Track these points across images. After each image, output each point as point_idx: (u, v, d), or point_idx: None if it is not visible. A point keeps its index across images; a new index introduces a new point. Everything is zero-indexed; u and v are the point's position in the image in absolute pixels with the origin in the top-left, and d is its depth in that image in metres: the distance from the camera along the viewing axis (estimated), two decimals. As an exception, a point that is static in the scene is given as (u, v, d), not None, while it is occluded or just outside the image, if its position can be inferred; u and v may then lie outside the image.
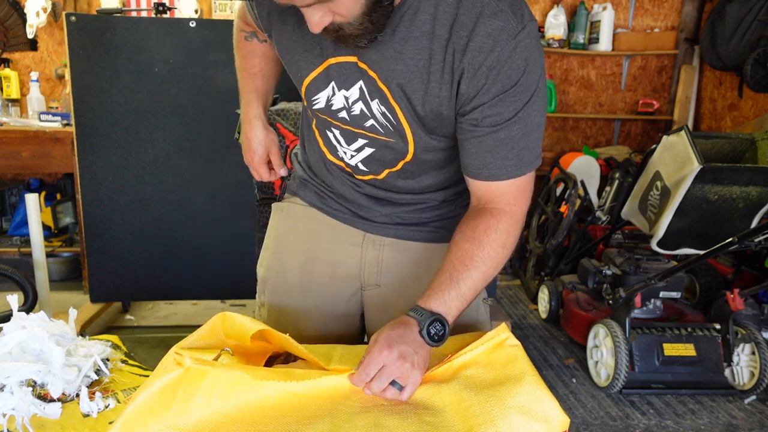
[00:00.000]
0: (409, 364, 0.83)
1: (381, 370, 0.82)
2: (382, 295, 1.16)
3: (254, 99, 1.19)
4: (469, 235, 0.95)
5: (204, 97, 2.62)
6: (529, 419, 0.77)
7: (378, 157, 1.04)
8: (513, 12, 0.83)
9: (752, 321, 2.50)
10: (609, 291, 2.48)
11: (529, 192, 0.98)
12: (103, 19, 2.53)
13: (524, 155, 0.93)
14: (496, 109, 0.88)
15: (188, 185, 2.70)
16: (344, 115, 0.99)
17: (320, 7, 0.79)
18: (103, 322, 2.93)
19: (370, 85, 0.93)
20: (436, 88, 0.89)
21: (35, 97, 3.52)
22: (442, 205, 1.12)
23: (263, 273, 1.24)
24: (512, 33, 0.83)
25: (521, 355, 0.89)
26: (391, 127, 0.97)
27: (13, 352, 0.96)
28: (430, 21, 0.85)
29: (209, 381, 0.79)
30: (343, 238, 1.15)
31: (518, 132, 0.90)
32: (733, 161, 2.57)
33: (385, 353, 0.83)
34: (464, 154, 0.96)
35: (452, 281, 0.92)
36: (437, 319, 0.89)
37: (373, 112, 0.96)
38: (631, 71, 4.35)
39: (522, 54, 0.84)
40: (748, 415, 2.23)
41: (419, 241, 1.14)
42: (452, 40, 0.85)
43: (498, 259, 0.96)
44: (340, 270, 1.15)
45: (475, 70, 0.85)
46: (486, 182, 0.95)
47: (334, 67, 0.94)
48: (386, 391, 0.83)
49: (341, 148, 1.06)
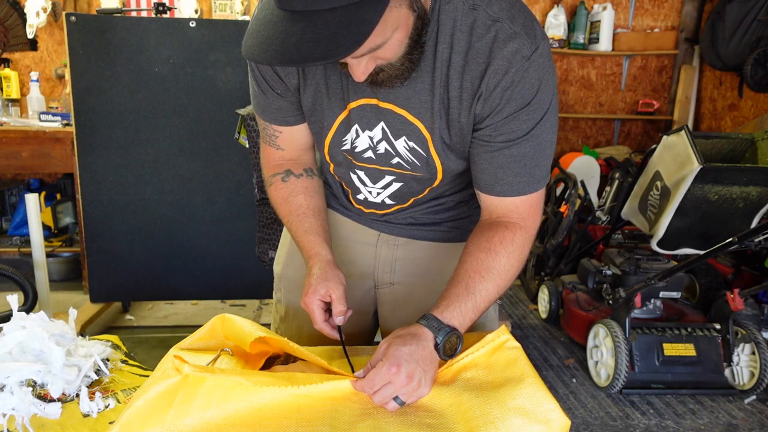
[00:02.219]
0: (415, 383, 0.81)
1: (386, 386, 0.81)
2: (395, 293, 1.18)
3: (312, 239, 1.04)
4: (485, 245, 0.95)
5: (204, 97, 2.62)
6: (530, 421, 0.77)
7: (406, 190, 1.05)
8: (526, 33, 0.84)
9: (752, 321, 2.50)
10: (609, 291, 2.48)
11: (541, 207, 0.99)
12: (103, 19, 2.53)
13: (536, 172, 0.93)
14: (510, 127, 0.89)
15: (188, 185, 2.70)
16: (370, 154, 1.00)
17: (367, 55, 0.80)
18: (103, 322, 2.93)
19: (396, 123, 0.94)
20: (456, 114, 0.90)
21: (35, 97, 3.52)
22: (457, 206, 1.13)
23: (279, 270, 1.26)
24: (526, 55, 0.84)
25: (521, 357, 0.89)
26: (419, 161, 0.97)
27: (13, 352, 0.96)
28: (448, 50, 0.86)
29: (208, 384, 0.79)
30: (357, 237, 1.17)
31: (531, 149, 0.90)
32: (733, 161, 2.57)
33: (393, 371, 0.80)
34: (476, 169, 0.96)
35: (468, 292, 0.91)
36: (453, 333, 0.87)
37: (398, 151, 0.97)
38: (631, 71, 4.35)
39: (535, 74, 0.85)
40: (748, 415, 2.23)
41: (433, 240, 1.15)
42: (468, 68, 0.86)
43: (512, 271, 0.96)
44: (355, 268, 1.16)
45: (490, 92, 0.86)
46: (498, 198, 0.96)
47: (356, 110, 0.95)
48: (387, 404, 0.81)
49: (365, 188, 1.07)
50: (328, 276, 0.97)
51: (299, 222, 1.06)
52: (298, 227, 1.06)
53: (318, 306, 0.96)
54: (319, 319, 0.97)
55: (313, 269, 0.99)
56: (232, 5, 3.91)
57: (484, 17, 0.84)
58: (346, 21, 0.69)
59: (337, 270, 0.99)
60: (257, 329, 0.89)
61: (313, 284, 0.97)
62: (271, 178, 1.11)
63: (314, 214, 1.07)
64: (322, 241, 1.04)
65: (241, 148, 2.51)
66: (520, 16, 0.85)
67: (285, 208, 1.09)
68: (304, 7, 0.70)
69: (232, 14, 3.91)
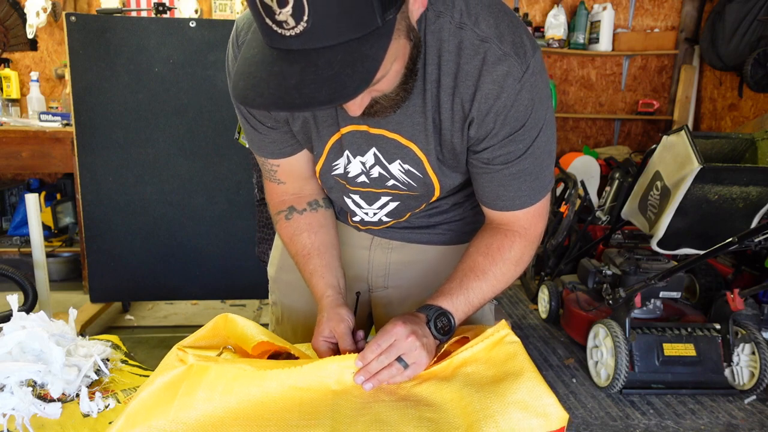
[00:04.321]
0: (419, 343, 0.85)
1: (391, 344, 0.84)
2: (390, 296, 1.18)
3: (316, 282, 1.04)
4: (484, 250, 0.96)
5: (204, 97, 2.62)
6: (529, 415, 0.77)
7: (403, 208, 1.05)
8: (516, 53, 0.81)
9: (752, 321, 2.50)
10: (609, 291, 2.48)
11: (545, 215, 0.99)
12: (103, 19, 2.53)
13: (537, 184, 0.93)
14: (507, 149, 0.88)
15: (188, 185, 2.70)
16: (364, 179, 0.99)
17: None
18: (103, 322, 2.93)
19: (389, 147, 0.92)
20: (448, 135, 0.89)
21: (35, 97, 3.52)
22: (452, 209, 1.12)
23: (274, 273, 1.26)
24: (517, 77, 0.81)
25: (521, 352, 0.89)
26: (415, 181, 0.97)
27: (13, 352, 0.97)
28: (436, 71, 0.83)
29: (212, 376, 0.79)
30: (351, 240, 1.16)
31: (530, 165, 0.90)
32: (733, 161, 2.57)
33: (399, 327, 0.84)
34: (477, 186, 0.96)
35: (462, 288, 0.94)
36: (443, 313, 0.91)
37: (393, 174, 0.96)
38: (631, 71, 4.35)
39: (527, 94, 0.83)
40: (748, 415, 2.23)
41: (427, 243, 1.14)
42: (458, 90, 0.83)
43: (509, 275, 0.98)
44: (348, 272, 1.16)
45: (483, 117, 0.85)
46: (501, 212, 0.97)
47: (347, 136, 0.94)
48: (391, 366, 0.84)
49: (361, 210, 1.07)
50: (331, 317, 0.97)
51: (305, 264, 1.06)
52: (304, 270, 1.06)
53: (325, 346, 0.96)
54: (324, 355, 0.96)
55: (321, 313, 1.00)
56: (232, 5, 3.92)
57: (472, 37, 0.80)
58: (350, 59, 0.64)
59: (340, 308, 0.98)
60: (260, 332, 0.90)
61: (319, 326, 0.98)
62: (275, 216, 1.10)
63: (319, 253, 1.05)
64: (326, 284, 1.03)
65: (241, 148, 2.52)
66: (509, 32, 0.81)
67: (291, 249, 1.09)
68: (301, 45, 0.64)
69: (232, 14, 3.91)
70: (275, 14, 0.62)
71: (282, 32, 0.63)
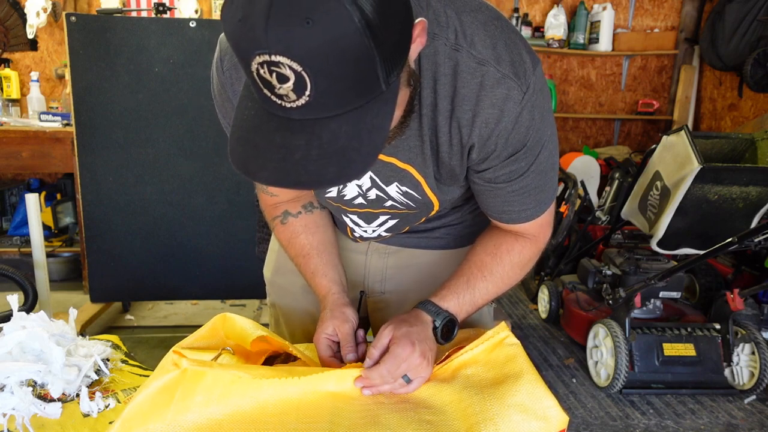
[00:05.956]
0: (426, 362, 0.85)
1: (401, 365, 0.83)
2: (387, 302, 1.17)
3: (318, 281, 1.03)
4: (491, 251, 0.97)
5: (204, 97, 2.61)
6: (529, 417, 0.77)
7: (402, 224, 1.05)
8: (515, 74, 0.77)
9: (752, 321, 2.50)
10: (609, 291, 2.48)
11: (551, 222, 0.99)
12: (103, 19, 2.53)
13: (542, 197, 0.93)
14: (509, 168, 0.86)
15: (188, 185, 2.70)
16: (361, 201, 0.98)
17: None
18: (103, 322, 2.93)
19: (385, 171, 0.90)
20: (446, 157, 0.86)
21: (35, 97, 3.53)
22: (450, 213, 1.11)
23: (270, 276, 1.25)
24: (517, 100, 0.78)
25: (520, 354, 0.89)
26: (413, 202, 0.96)
27: (13, 352, 0.97)
28: (432, 94, 0.80)
29: (209, 380, 0.79)
30: (347, 245, 1.15)
31: (533, 180, 0.89)
32: (733, 161, 2.57)
33: (408, 351, 0.83)
34: (482, 201, 0.96)
35: (468, 286, 0.94)
36: (451, 320, 0.91)
37: (391, 195, 0.95)
38: (631, 71, 4.35)
39: (528, 115, 0.80)
40: (748, 415, 2.23)
41: (425, 248, 1.13)
42: (456, 114, 0.80)
43: (514, 277, 0.98)
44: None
45: (484, 141, 0.82)
46: (507, 225, 0.96)
47: None
48: (395, 382, 0.84)
49: (360, 228, 1.06)
50: (336, 315, 0.96)
51: (306, 264, 1.05)
52: (305, 271, 1.05)
53: (325, 344, 0.94)
54: (325, 354, 0.95)
55: (324, 310, 0.99)
56: (232, 5, 3.91)
57: (468, 60, 0.77)
58: (355, 131, 0.62)
59: (345, 308, 0.97)
60: (258, 329, 0.90)
61: (323, 323, 0.96)
62: (271, 222, 1.09)
63: (318, 253, 1.04)
64: (329, 281, 1.02)
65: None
66: (506, 51, 0.77)
67: (290, 251, 1.08)
68: (302, 116, 0.61)
69: (232, 14, 3.90)
70: (275, 89, 0.59)
71: (282, 104, 0.60)
